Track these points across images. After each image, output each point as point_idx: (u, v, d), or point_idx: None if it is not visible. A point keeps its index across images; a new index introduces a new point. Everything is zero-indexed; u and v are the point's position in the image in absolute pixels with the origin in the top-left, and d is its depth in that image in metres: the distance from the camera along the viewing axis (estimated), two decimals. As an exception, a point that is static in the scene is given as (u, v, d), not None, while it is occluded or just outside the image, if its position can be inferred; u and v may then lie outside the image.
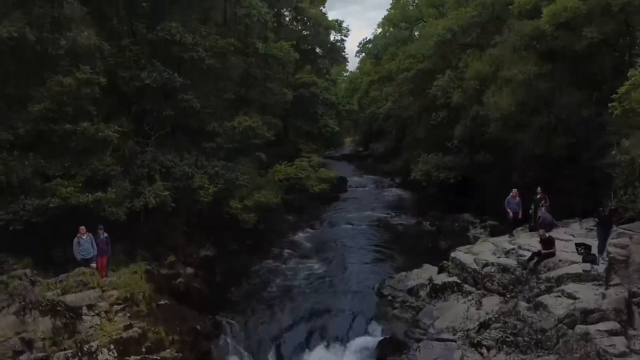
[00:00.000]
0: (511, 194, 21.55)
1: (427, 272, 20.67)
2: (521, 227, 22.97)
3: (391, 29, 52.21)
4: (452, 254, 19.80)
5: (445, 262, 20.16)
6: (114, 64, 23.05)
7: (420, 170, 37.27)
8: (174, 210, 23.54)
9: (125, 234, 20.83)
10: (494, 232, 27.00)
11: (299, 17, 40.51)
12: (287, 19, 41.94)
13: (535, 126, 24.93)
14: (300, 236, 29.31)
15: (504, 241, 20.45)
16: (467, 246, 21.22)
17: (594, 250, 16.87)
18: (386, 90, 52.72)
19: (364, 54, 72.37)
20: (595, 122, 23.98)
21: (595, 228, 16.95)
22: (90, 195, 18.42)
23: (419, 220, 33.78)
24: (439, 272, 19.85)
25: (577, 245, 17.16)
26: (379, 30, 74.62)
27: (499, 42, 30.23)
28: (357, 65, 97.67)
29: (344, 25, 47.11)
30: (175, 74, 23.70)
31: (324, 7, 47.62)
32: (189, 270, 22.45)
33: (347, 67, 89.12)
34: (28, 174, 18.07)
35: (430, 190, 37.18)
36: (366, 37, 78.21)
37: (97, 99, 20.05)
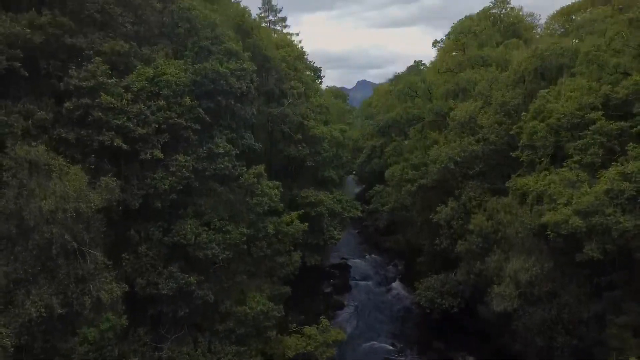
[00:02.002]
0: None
1: None
2: None
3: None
4: None
5: None
6: (131, 271, 24.00)
7: (425, 296, 38.36)
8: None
9: None
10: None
11: (303, 135, 41.11)
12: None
13: (536, 319, 25.82)
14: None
15: None
16: None
17: None
18: (389, 172, 52.91)
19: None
20: (595, 320, 25.04)
21: None
22: None
23: (424, 362, 34.75)
24: None
25: None
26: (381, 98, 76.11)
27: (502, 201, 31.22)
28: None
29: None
30: (191, 277, 24.55)
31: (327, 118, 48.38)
32: None
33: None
34: None
35: (435, 316, 37.95)
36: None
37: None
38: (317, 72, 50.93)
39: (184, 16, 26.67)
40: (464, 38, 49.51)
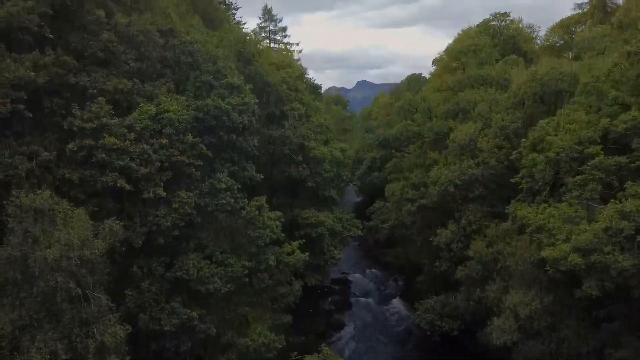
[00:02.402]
0: None
1: None
2: None
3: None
4: None
5: None
6: (134, 307, 24.21)
7: (425, 319, 38.60)
8: None
9: None
10: None
11: (303, 156, 41.32)
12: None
13: (536, 352, 26.03)
14: None
15: None
16: None
17: None
18: (389, 189, 53.11)
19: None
20: (595, 354, 25.24)
21: None
22: None
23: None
24: None
25: None
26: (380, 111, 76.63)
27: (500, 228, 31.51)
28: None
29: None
30: (193, 312, 24.77)
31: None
32: None
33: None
34: None
35: (435, 338, 38.15)
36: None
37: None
38: (317, 89, 51.19)
39: (185, 50, 26.87)
40: (463, 57, 49.71)
